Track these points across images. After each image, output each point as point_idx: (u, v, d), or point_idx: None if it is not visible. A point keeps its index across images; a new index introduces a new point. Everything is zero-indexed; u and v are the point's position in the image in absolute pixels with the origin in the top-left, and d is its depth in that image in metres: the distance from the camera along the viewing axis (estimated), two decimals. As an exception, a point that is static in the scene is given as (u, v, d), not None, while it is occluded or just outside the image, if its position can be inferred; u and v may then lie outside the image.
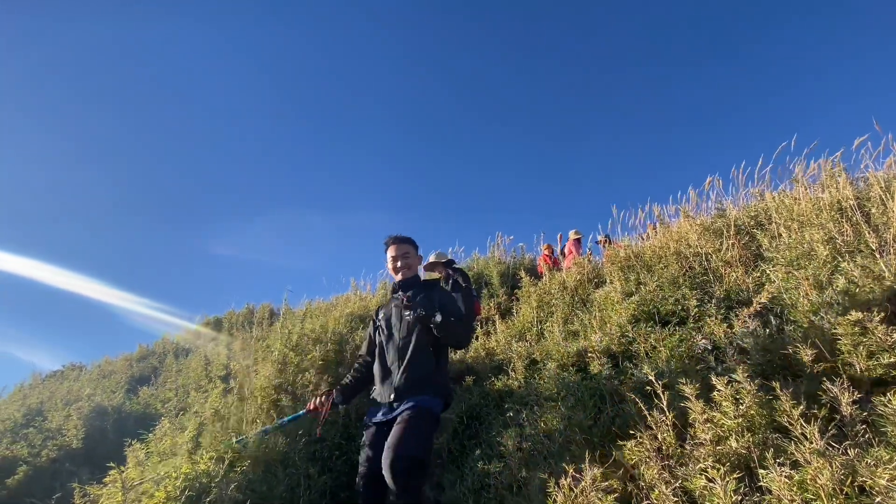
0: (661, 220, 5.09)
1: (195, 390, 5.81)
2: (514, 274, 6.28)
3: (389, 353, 2.27)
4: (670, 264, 3.64)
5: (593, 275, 4.42)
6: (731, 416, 1.77)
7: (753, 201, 4.30)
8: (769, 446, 1.66)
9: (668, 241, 4.01)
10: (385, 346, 2.31)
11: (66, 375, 9.84)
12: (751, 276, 3.11)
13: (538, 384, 2.84)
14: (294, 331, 3.83)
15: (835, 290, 2.40)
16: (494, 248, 7.58)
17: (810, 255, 2.80)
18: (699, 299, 3.00)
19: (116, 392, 7.24)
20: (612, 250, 4.57)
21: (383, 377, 2.22)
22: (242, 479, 2.41)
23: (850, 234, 2.85)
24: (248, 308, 9.92)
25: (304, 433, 2.90)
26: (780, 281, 2.72)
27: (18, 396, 8.29)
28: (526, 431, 2.49)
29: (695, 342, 2.62)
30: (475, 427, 2.94)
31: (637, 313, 3.09)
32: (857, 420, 1.67)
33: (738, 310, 2.72)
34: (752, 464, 1.66)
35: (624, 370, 2.66)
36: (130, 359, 9.71)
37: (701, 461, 1.69)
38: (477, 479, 2.40)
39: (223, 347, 6.68)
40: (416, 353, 2.18)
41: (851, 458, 1.46)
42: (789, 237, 3.15)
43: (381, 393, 2.20)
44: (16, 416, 6.44)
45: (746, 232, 3.68)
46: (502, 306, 5.46)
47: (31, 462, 4.85)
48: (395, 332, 2.30)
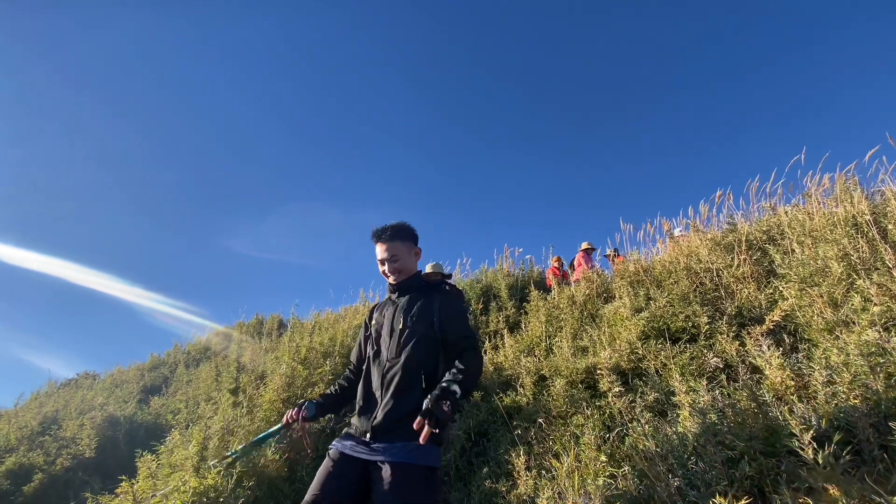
0: (671, 235, 5.05)
1: (205, 402, 5.87)
2: (523, 287, 6.26)
3: (374, 376, 1.83)
4: (680, 280, 3.60)
5: (602, 289, 4.38)
6: (743, 439, 1.74)
7: (765, 216, 4.25)
8: (783, 471, 1.62)
9: (678, 255, 3.97)
10: (371, 364, 1.87)
11: (80, 384, 10.00)
12: (763, 293, 3.06)
13: (547, 401, 2.82)
14: (303, 344, 3.86)
15: (850, 308, 2.35)
16: (503, 259, 7.57)
17: (825, 271, 2.75)
18: (710, 316, 2.96)
19: (128, 402, 7.34)
20: (620, 265, 4.54)
21: (363, 407, 1.78)
22: (249, 494, 2.42)
23: (866, 250, 2.80)
24: (258, 318, 10.01)
25: (311, 448, 2.91)
26: (793, 298, 2.67)
27: (35, 404, 8.45)
28: (534, 450, 2.47)
29: (706, 360, 2.58)
30: (483, 444, 2.92)
31: (647, 329, 3.05)
32: (874, 444, 1.63)
33: (751, 327, 2.67)
34: (765, 488, 1.62)
35: (634, 388, 2.63)
36: (142, 368, 9.84)
37: (713, 484, 1.66)
38: (484, 497, 2.38)
39: (233, 359, 6.73)
40: (407, 382, 1.72)
41: (869, 484, 1.42)
42: (803, 253, 3.10)
43: (357, 426, 1.75)
44: (32, 424, 6.56)
45: (758, 247, 3.63)
46: (511, 320, 5.44)
47: (46, 470, 4.93)
48: (384, 348, 1.85)
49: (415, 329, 1.80)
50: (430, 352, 1.78)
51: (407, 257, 1.95)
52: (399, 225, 1.98)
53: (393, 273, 1.93)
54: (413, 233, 2.01)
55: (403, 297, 1.93)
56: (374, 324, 1.98)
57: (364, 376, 1.88)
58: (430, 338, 1.79)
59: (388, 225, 1.96)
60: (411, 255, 1.98)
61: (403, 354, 1.76)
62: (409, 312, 1.85)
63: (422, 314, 1.84)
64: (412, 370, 1.73)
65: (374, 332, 1.94)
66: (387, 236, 1.92)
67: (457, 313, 1.87)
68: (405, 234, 1.96)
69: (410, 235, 1.99)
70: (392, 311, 1.92)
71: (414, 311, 1.85)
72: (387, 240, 1.91)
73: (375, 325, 1.97)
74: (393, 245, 1.91)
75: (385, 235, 1.92)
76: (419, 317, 1.83)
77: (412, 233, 2.01)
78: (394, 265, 1.92)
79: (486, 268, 7.53)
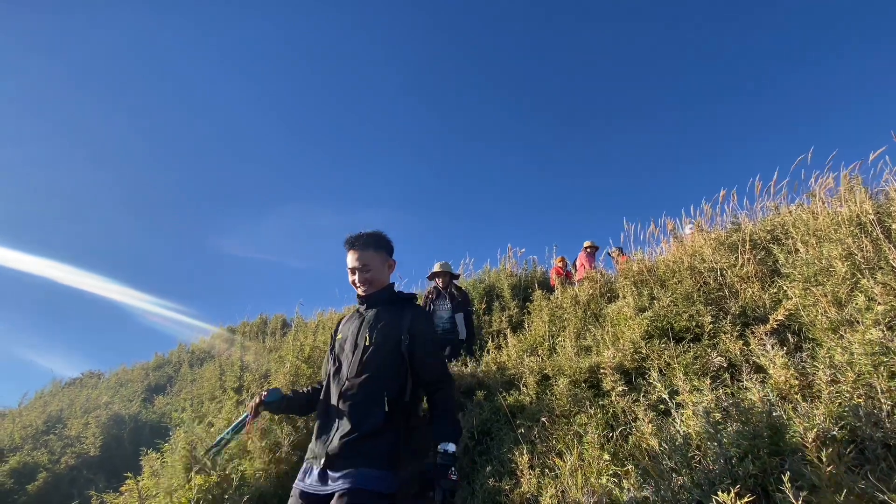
0: (674, 234, 5.04)
1: (210, 400, 5.89)
2: (526, 287, 6.26)
3: (332, 394, 1.68)
4: (684, 279, 3.60)
5: (606, 289, 4.38)
6: (746, 437, 1.74)
7: (769, 215, 4.24)
8: (786, 469, 1.62)
9: (681, 255, 3.97)
10: (331, 381, 1.72)
11: (85, 383, 10.06)
12: (767, 293, 3.06)
13: (550, 400, 2.82)
14: (307, 343, 3.88)
15: (854, 307, 2.35)
16: (506, 260, 7.58)
17: (829, 271, 2.75)
18: (714, 315, 2.96)
19: (133, 401, 7.37)
20: (624, 264, 4.54)
21: (320, 428, 1.64)
22: (254, 491, 2.43)
23: (870, 249, 2.79)
24: (262, 318, 10.05)
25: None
26: (797, 297, 2.67)
27: (39, 404, 8.50)
28: (538, 449, 2.47)
29: (710, 359, 2.58)
30: (486, 443, 2.93)
31: (650, 329, 3.05)
32: (878, 443, 1.63)
33: (755, 326, 2.67)
34: (768, 486, 1.62)
35: (637, 387, 2.63)
36: (147, 368, 9.89)
37: (715, 483, 1.66)
38: (488, 496, 2.39)
39: (237, 358, 6.77)
40: (367, 404, 1.58)
41: (872, 482, 1.42)
42: (807, 253, 3.09)
43: (314, 450, 1.62)
44: (37, 423, 6.60)
45: (762, 247, 3.63)
46: (514, 319, 5.44)
47: (50, 469, 4.96)
48: (346, 365, 1.70)
49: (380, 346, 1.67)
50: (395, 372, 1.64)
51: (380, 268, 1.82)
52: (374, 233, 1.84)
53: (363, 284, 1.79)
54: (389, 243, 1.88)
55: (371, 311, 1.80)
56: (340, 337, 1.84)
57: (324, 394, 1.73)
58: (396, 356, 1.66)
59: (363, 232, 1.83)
60: (385, 266, 1.85)
61: (366, 373, 1.63)
62: (375, 327, 1.71)
63: (389, 330, 1.70)
64: (374, 391, 1.60)
65: (338, 346, 1.80)
66: (360, 244, 1.80)
67: (427, 335, 1.75)
68: (380, 244, 1.83)
69: (385, 245, 1.86)
70: (358, 324, 1.78)
71: (381, 327, 1.71)
72: (360, 248, 1.79)
73: (340, 338, 1.83)
74: (366, 254, 1.79)
75: (358, 243, 1.80)
76: (386, 333, 1.69)
77: (388, 243, 1.87)
78: (365, 275, 1.78)
79: (489, 268, 7.54)
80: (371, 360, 1.65)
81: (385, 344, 1.67)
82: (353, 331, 1.78)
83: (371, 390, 1.60)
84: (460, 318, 4.67)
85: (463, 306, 4.74)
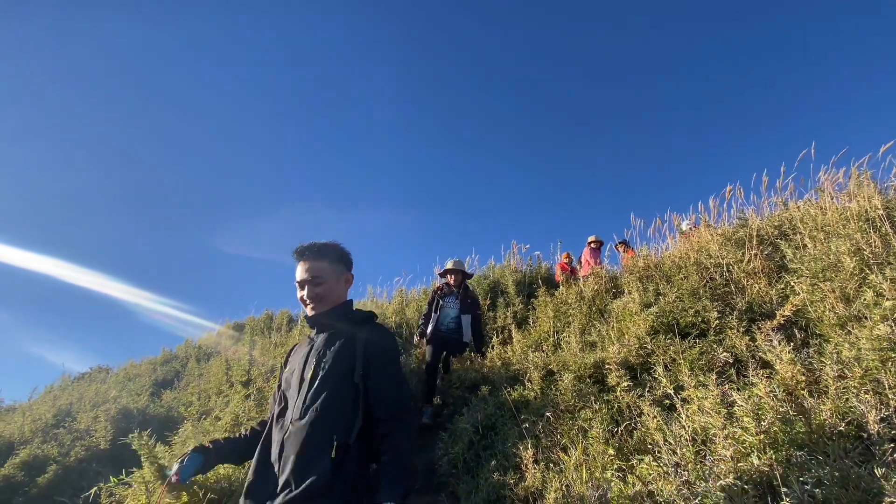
0: (680, 230, 5.01)
1: (216, 395, 5.95)
2: (531, 283, 6.25)
3: (274, 441, 1.41)
4: (690, 275, 3.59)
5: (611, 285, 4.37)
6: (752, 432, 1.73)
7: (777, 211, 4.21)
8: (793, 464, 1.62)
9: (688, 251, 3.95)
10: (273, 424, 1.45)
11: (94, 378, 10.17)
12: (774, 288, 3.04)
13: (555, 395, 2.83)
14: (312, 338, 3.90)
15: (862, 303, 2.33)
16: (510, 256, 7.56)
17: (837, 266, 2.73)
18: (720, 311, 2.95)
19: (141, 395, 7.45)
20: (629, 259, 4.52)
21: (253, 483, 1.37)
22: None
23: (879, 245, 2.77)
24: (268, 314, 10.10)
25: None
26: (804, 293, 2.65)
27: (49, 398, 8.62)
28: (542, 443, 2.48)
29: (716, 355, 2.57)
30: (491, 437, 2.94)
31: (656, 325, 3.05)
32: (885, 438, 1.62)
33: (761, 322, 2.66)
34: (774, 481, 1.62)
35: (642, 383, 2.63)
36: (154, 362, 9.98)
37: (721, 478, 1.66)
38: (492, 490, 2.40)
39: (244, 353, 6.83)
40: (312, 453, 1.31)
41: (878, 477, 1.42)
42: (815, 248, 3.07)
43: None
44: (47, 417, 6.69)
45: (769, 242, 3.60)
46: (518, 315, 5.44)
47: (60, 461, 5.02)
48: (291, 404, 1.43)
49: (328, 378, 1.39)
50: (345, 410, 1.36)
51: (333, 282, 1.55)
52: (330, 243, 1.61)
53: (312, 300, 1.52)
54: (346, 255, 1.64)
55: (322, 335, 1.52)
56: (287, 370, 1.56)
57: (263, 440, 1.45)
58: (348, 389, 1.38)
59: (317, 242, 1.59)
60: (340, 281, 1.59)
61: (310, 414, 1.35)
62: (324, 356, 1.45)
63: (339, 359, 1.42)
64: (320, 436, 1.31)
65: (285, 382, 1.53)
66: (312, 254, 1.55)
67: (386, 356, 1.47)
68: (335, 255, 1.59)
69: (341, 257, 1.61)
70: (306, 353, 1.52)
71: (331, 354, 1.43)
72: (311, 257, 1.54)
73: (288, 371, 1.55)
74: (318, 264, 1.53)
75: (310, 252, 1.55)
76: (336, 362, 1.41)
77: (345, 255, 1.63)
78: (315, 290, 1.51)
79: (494, 264, 7.53)
80: (316, 398, 1.36)
81: (335, 375, 1.39)
82: (300, 361, 1.50)
83: (316, 435, 1.31)
84: (467, 321, 4.50)
85: (472, 308, 4.59)
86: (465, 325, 4.46)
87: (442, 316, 4.52)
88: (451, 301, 4.59)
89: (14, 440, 6.04)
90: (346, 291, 1.63)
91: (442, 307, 4.57)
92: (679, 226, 5.07)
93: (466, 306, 4.53)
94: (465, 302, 4.55)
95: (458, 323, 4.45)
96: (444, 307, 4.57)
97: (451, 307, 4.56)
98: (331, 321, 1.53)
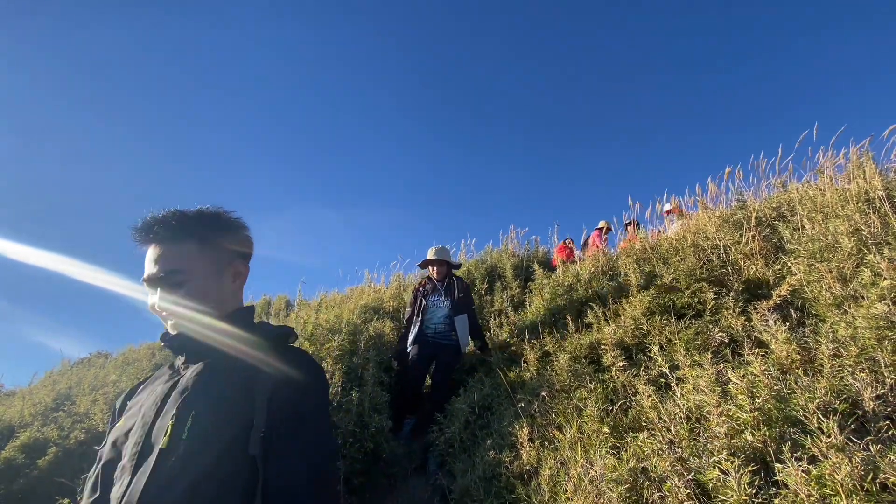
0: (679, 212, 4.98)
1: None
2: (528, 266, 6.25)
3: None
4: (687, 256, 3.57)
5: (608, 267, 4.36)
6: (746, 410, 1.74)
7: (775, 192, 4.18)
8: (786, 440, 1.62)
9: (685, 233, 3.93)
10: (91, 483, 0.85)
11: (93, 363, 10.19)
12: (771, 269, 3.03)
13: (550, 375, 2.83)
14: (309, 321, 3.89)
15: (860, 283, 2.32)
16: (508, 240, 7.53)
17: (834, 247, 2.71)
18: (716, 292, 2.94)
19: (140, 378, 7.48)
20: (627, 242, 4.50)
21: None
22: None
23: (878, 225, 2.75)
24: (266, 299, 10.10)
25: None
26: (801, 273, 2.64)
27: (48, 382, 8.65)
28: (537, 422, 2.49)
29: (711, 335, 2.57)
30: (487, 417, 2.96)
31: (652, 306, 3.04)
32: (880, 416, 1.62)
33: (758, 303, 2.65)
34: (768, 458, 1.62)
35: (637, 362, 2.64)
36: (153, 347, 9.99)
37: (715, 454, 1.67)
38: (488, 467, 2.42)
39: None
40: None
41: (873, 454, 1.42)
42: (813, 229, 3.05)
43: None
44: (46, 401, 6.72)
45: (767, 224, 3.58)
46: (515, 299, 5.44)
47: (60, 444, 5.05)
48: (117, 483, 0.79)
49: (199, 446, 0.77)
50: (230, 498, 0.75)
51: (202, 275, 0.92)
52: (198, 212, 0.95)
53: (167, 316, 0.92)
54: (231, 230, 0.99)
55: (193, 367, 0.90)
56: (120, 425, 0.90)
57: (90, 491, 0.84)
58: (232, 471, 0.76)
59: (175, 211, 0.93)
60: (220, 275, 0.96)
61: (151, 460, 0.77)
62: (192, 404, 0.82)
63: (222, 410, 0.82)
64: None
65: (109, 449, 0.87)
66: (165, 231, 0.91)
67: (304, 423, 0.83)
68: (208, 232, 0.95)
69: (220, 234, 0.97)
70: (160, 396, 0.87)
71: (204, 404, 0.82)
72: (165, 239, 0.91)
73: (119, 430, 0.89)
74: (177, 250, 0.91)
75: (162, 230, 0.91)
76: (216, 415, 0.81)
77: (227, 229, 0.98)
78: (172, 294, 0.90)
79: (491, 248, 7.51)
80: (173, 482, 0.74)
81: (212, 440, 0.78)
82: (148, 409, 0.87)
83: None
84: (462, 323, 3.74)
85: (465, 306, 3.84)
86: (461, 329, 3.72)
87: (426, 320, 3.79)
88: (437, 299, 3.87)
89: (14, 424, 6.06)
90: (234, 292, 0.99)
91: (426, 308, 3.83)
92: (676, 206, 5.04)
93: (457, 304, 3.78)
94: (455, 297, 3.81)
95: (448, 325, 3.72)
96: (430, 307, 3.83)
97: (438, 307, 3.83)
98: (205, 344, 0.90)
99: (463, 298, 3.85)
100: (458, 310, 3.79)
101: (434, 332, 3.74)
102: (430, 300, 3.87)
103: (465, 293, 3.92)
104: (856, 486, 1.35)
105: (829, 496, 1.38)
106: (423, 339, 3.71)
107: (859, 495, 1.33)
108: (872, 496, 1.34)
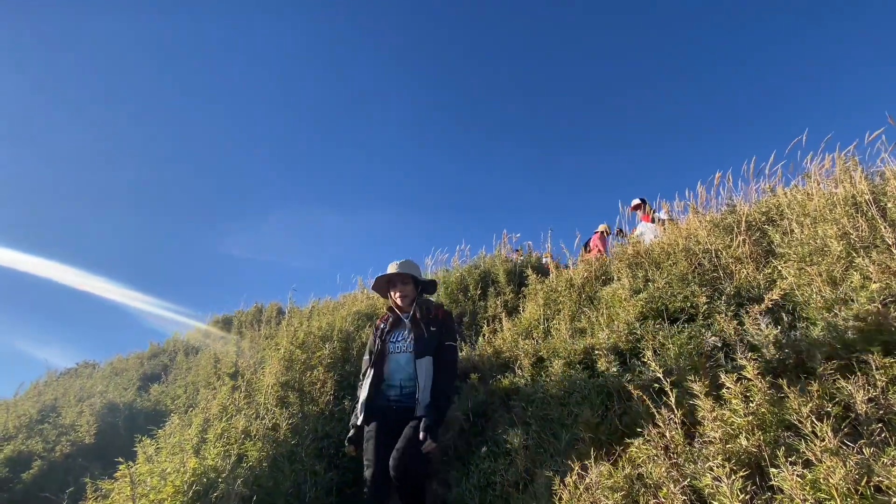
0: (669, 217, 5.03)
1: (204, 387, 5.87)
2: (521, 272, 6.25)
3: None
4: (679, 261, 3.59)
5: (601, 272, 4.37)
6: (740, 414, 1.74)
7: (765, 197, 4.23)
8: (780, 445, 1.62)
9: (677, 237, 3.96)
10: None
11: (80, 373, 10.00)
12: (762, 273, 3.05)
13: (545, 382, 2.82)
14: (301, 329, 3.85)
15: (849, 286, 2.34)
16: (501, 246, 7.54)
17: (823, 250, 2.74)
18: (709, 296, 2.95)
19: (128, 389, 7.34)
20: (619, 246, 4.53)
21: None
22: (249, 474, 2.42)
23: (866, 229, 2.78)
24: (257, 307, 9.99)
25: (311, 430, 2.91)
26: (792, 277, 2.66)
27: (34, 393, 8.45)
28: (532, 429, 2.47)
29: (704, 339, 2.57)
30: (481, 424, 2.93)
31: (645, 310, 3.05)
32: (872, 419, 1.63)
33: (749, 307, 2.66)
34: (762, 462, 1.62)
35: (631, 368, 2.63)
36: (142, 357, 9.84)
37: (710, 459, 1.66)
38: (483, 476, 2.39)
39: (232, 346, 6.74)
40: None
41: (867, 457, 1.42)
42: (802, 233, 3.08)
43: None
44: (31, 413, 6.56)
45: (757, 228, 3.62)
46: (509, 304, 5.43)
47: (45, 457, 4.94)
48: None
49: None
50: None
51: None
52: None
53: None
54: None
55: None
56: None
57: None
58: None
59: None
60: None
61: None
62: None
63: None
64: None
65: None
66: None
67: None
68: None
69: None
70: None
71: None
72: None
73: None
74: None
75: None
76: None
77: None
78: None
79: (485, 254, 7.50)
80: None
81: None
82: None
83: None
84: (425, 367, 2.46)
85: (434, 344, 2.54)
86: (423, 376, 2.43)
87: (390, 371, 2.58)
88: (400, 338, 2.63)
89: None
90: None
91: (386, 355, 2.61)
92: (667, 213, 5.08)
93: (425, 340, 2.53)
94: (422, 331, 2.55)
95: (414, 378, 2.48)
96: (392, 354, 2.60)
97: (402, 351, 2.58)
98: None
99: (435, 333, 2.56)
100: (424, 348, 2.50)
101: (400, 395, 2.52)
102: (392, 341, 2.63)
103: (441, 325, 2.62)
104: (850, 489, 1.35)
105: (824, 500, 1.37)
106: (384, 406, 2.48)
107: (854, 499, 1.33)
108: (867, 499, 1.34)
